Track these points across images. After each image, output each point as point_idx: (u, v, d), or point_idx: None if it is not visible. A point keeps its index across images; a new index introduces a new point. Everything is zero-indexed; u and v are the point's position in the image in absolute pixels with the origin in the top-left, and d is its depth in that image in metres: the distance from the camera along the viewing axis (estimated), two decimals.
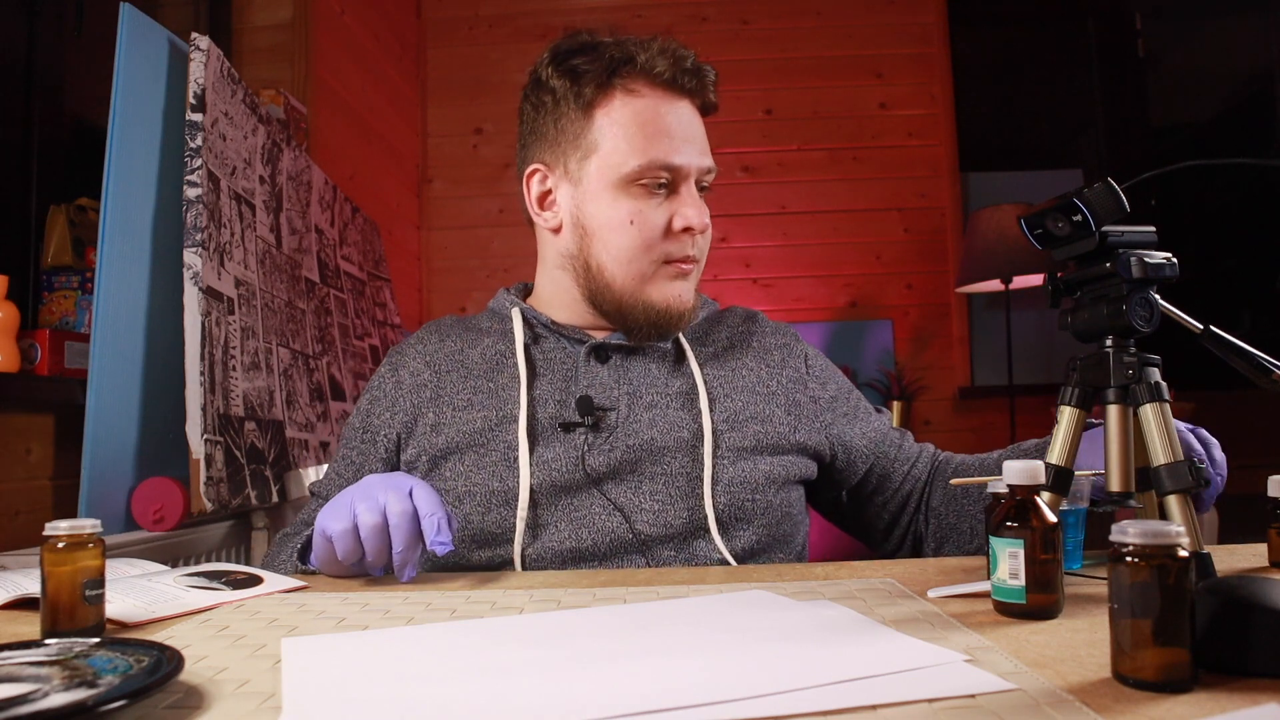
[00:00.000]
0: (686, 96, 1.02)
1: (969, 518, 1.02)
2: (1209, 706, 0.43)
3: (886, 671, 0.48)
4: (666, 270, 1.01)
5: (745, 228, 3.52)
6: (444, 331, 1.11)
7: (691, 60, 1.01)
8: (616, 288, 1.01)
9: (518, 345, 1.03)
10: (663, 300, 1.01)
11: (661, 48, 1.01)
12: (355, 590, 0.79)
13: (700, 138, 1.03)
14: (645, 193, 0.99)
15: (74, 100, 1.77)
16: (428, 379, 1.05)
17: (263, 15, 2.33)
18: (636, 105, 0.99)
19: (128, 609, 0.68)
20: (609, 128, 0.99)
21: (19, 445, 1.41)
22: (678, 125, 1.00)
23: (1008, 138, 3.72)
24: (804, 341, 1.15)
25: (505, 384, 1.02)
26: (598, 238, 1.01)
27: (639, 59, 1.00)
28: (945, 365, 3.45)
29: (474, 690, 0.48)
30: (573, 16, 3.50)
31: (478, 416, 1.00)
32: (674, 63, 1.00)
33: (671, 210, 1.00)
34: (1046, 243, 0.72)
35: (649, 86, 1.00)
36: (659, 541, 0.94)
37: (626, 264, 1.00)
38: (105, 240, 1.35)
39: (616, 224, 0.99)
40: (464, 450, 0.99)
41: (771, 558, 0.99)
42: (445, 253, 3.49)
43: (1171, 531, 0.46)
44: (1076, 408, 0.72)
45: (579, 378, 1.01)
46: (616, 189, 0.99)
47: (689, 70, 1.01)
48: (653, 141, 0.98)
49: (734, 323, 1.13)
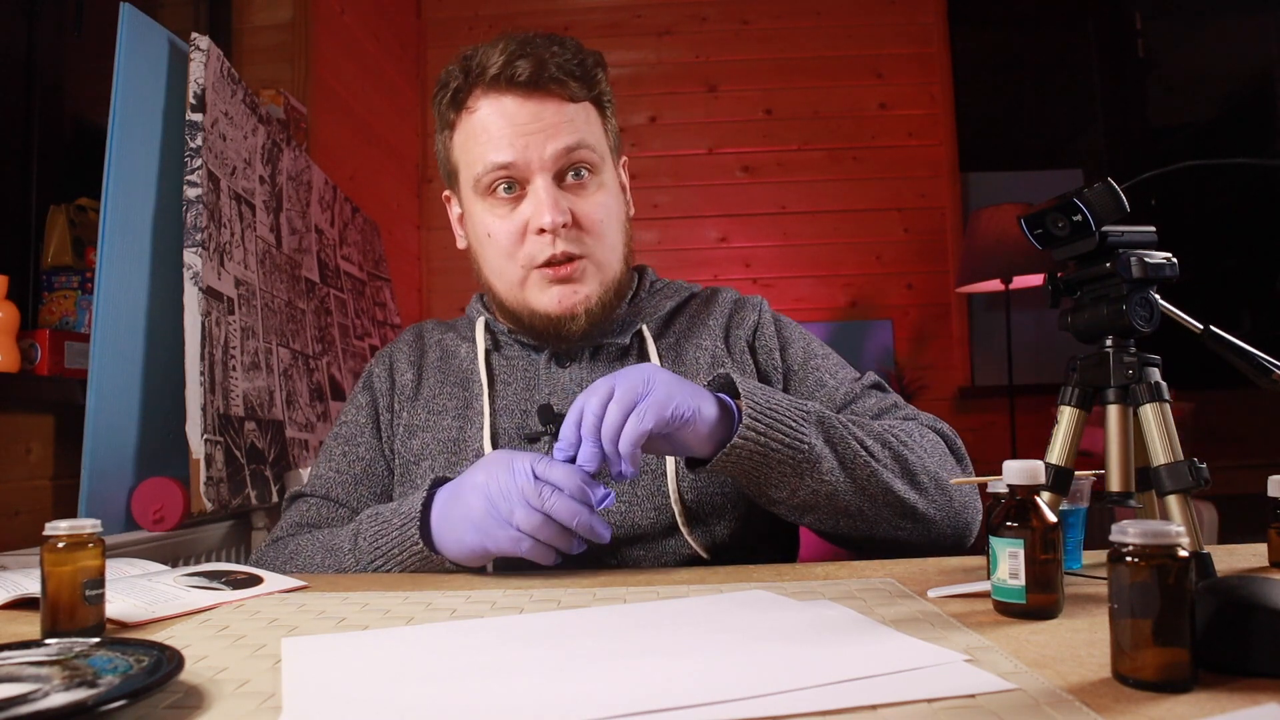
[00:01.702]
0: (526, 90, 0.95)
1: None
2: (1209, 706, 0.43)
3: (886, 671, 0.48)
4: (538, 276, 0.97)
5: (745, 228, 3.52)
6: (427, 335, 1.13)
7: (531, 49, 0.95)
8: (502, 298, 1.02)
9: (479, 354, 1.04)
10: (544, 307, 0.97)
11: (505, 41, 0.96)
12: (355, 590, 0.79)
13: (547, 127, 0.94)
14: (498, 201, 0.97)
15: (74, 100, 1.77)
16: (410, 379, 1.07)
17: (263, 15, 2.33)
18: (473, 118, 0.98)
19: (128, 609, 0.68)
20: (460, 146, 1.00)
21: (19, 445, 1.41)
22: (509, 125, 0.95)
23: (1008, 138, 3.72)
24: (760, 310, 1.09)
25: (476, 393, 1.03)
26: (478, 254, 1.03)
27: (475, 64, 0.97)
28: (945, 365, 3.45)
29: (474, 690, 0.48)
30: (573, 16, 3.51)
31: (451, 424, 1.01)
32: (506, 59, 0.94)
33: (525, 214, 0.96)
34: (1046, 243, 0.72)
35: (484, 93, 0.97)
36: (628, 542, 0.95)
37: (500, 275, 1.00)
38: (105, 240, 1.35)
39: (482, 238, 1.00)
40: (435, 456, 1.00)
41: (756, 552, 0.98)
42: (445, 253, 3.49)
43: (1171, 531, 0.46)
44: (1076, 408, 0.72)
45: (541, 385, 1.02)
46: (478, 204, 0.99)
47: (525, 60, 0.94)
48: (484, 149, 0.96)
49: (695, 305, 1.10)
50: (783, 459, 0.83)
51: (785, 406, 0.84)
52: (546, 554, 0.80)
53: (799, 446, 0.83)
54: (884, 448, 0.90)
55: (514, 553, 0.79)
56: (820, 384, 1.04)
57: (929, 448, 0.94)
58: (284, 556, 0.96)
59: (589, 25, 3.48)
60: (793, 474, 0.84)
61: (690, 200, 3.51)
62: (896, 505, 0.89)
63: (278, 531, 1.03)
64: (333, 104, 2.52)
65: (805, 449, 0.83)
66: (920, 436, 0.95)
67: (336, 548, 0.91)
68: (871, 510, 0.89)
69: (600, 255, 0.99)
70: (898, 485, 0.88)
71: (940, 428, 1.01)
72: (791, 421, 0.83)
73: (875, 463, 0.87)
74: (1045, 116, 3.79)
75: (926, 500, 0.90)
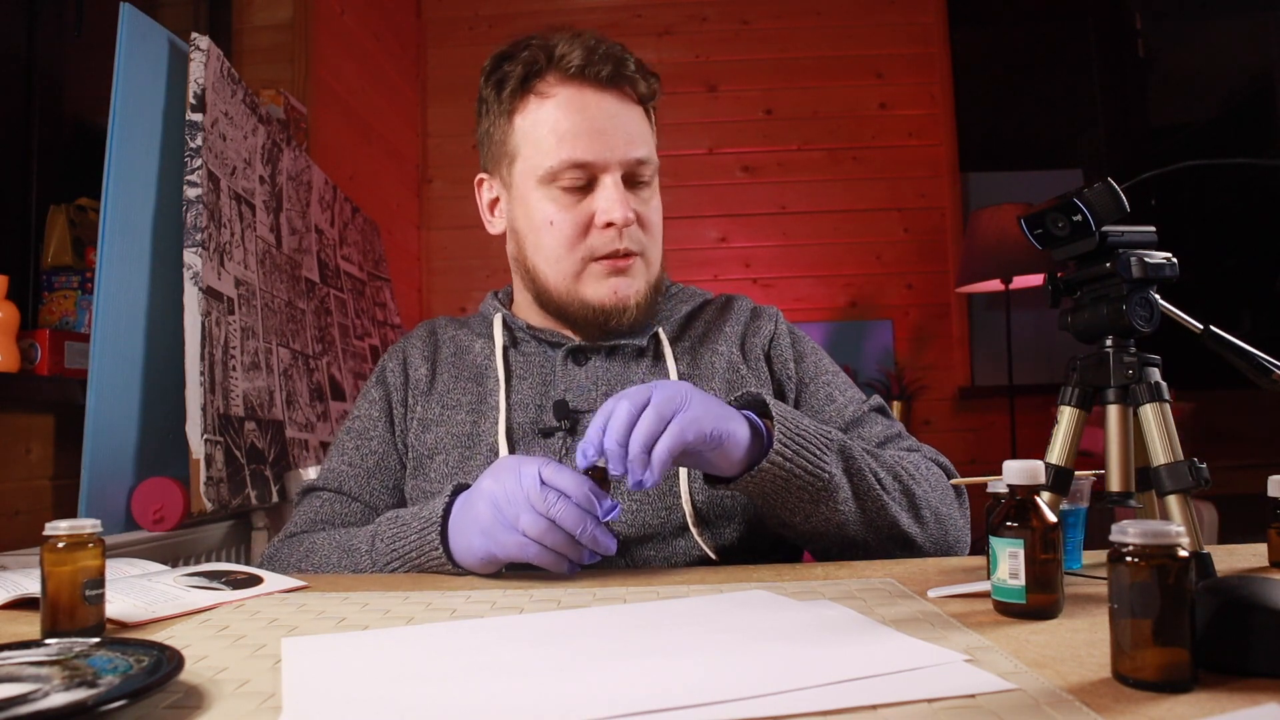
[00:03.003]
0: (604, 87, 0.99)
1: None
2: (1209, 706, 0.43)
3: (886, 671, 0.48)
4: (597, 268, 1.00)
5: (745, 228, 3.52)
6: (440, 331, 1.13)
7: (606, 48, 0.99)
8: (552, 288, 1.02)
9: (497, 350, 1.05)
10: (597, 298, 1.00)
11: (579, 38, 0.99)
12: (355, 590, 0.79)
13: (622, 128, 0.99)
14: (563, 192, 0.99)
15: (74, 100, 1.77)
16: (424, 374, 1.07)
17: (263, 15, 2.33)
18: (547, 106, 0.99)
19: (128, 609, 0.68)
20: (526, 132, 1.01)
21: (19, 445, 1.41)
22: (588, 121, 0.98)
23: (1008, 138, 3.72)
24: (776, 321, 1.11)
25: (490, 389, 1.04)
26: (529, 241, 1.03)
27: (555, 53, 0.99)
28: (945, 365, 3.45)
29: (474, 690, 0.48)
30: (573, 16, 3.50)
31: (465, 419, 1.02)
32: (586, 52, 0.98)
33: (593, 207, 0.99)
34: (1046, 243, 0.72)
35: (562, 83, 0.99)
36: (638, 542, 0.95)
37: (555, 264, 1.01)
38: (105, 240, 1.35)
39: (540, 225, 1.01)
40: (449, 450, 1.00)
41: (761, 556, 0.98)
42: (445, 253, 3.49)
43: (1171, 531, 0.46)
44: (1076, 408, 0.72)
45: (557, 381, 1.03)
46: (538, 191, 1.01)
47: (603, 57, 0.98)
48: (562, 142, 0.98)
49: (711, 312, 1.12)
50: (803, 485, 0.83)
51: (812, 433, 0.85)
52: (557, 561, 0.79)
53: (820, 474, 0.84)
54: (895, 480, 0.91)
55: (522, 558, 0.79)
56: (830, 399, 1.06)
57: (934, 482, 0.96)
58: (299, 554, 0.96)
59: (589, 25, 3.44)
60: (810, 500, 0.85)
61: (690, 200, 3.50)
62: (898, 538, 0.91)
63: (291, 527, 1.03)
64: (333, 104, 2.52)
65: (826, 478, 0.84)
66: (927, 470, 0.97)
67: (353, 548, 0.91)
68: (875, 541, 0.91)
69: (652, 254, 1.04)
70: (903, 519, 0.90)
71: (941, 461, 1.03)
72: (816, 449, 0.84)
73: (886, 495, 0.89)
74: (1045, 116, 3.79)
75: (925, 534, 0.93)
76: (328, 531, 0.98)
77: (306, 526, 1.02)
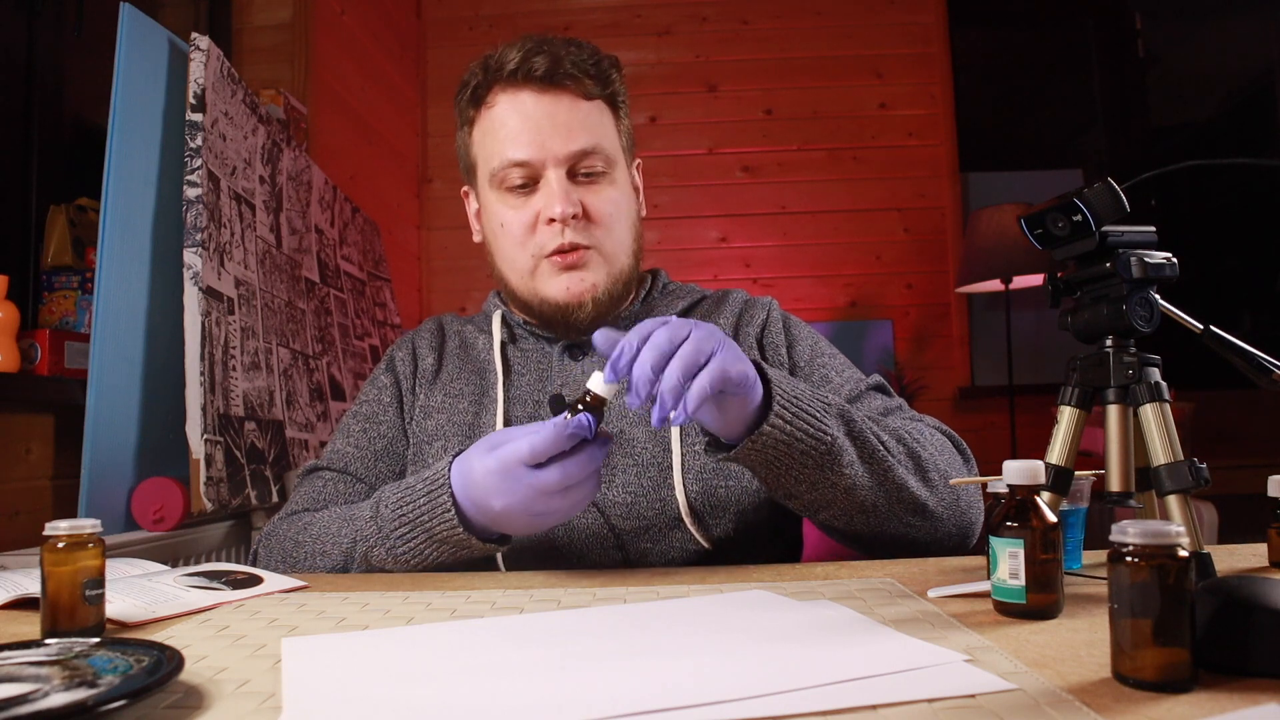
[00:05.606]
0: (543, 87, 0.99)
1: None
2: (1209, 706, 0.43)
3: (886, 671, 0.48)
4: (547, 265, 1.00)
5: (745, 228, 3.52)
6: (447, 325, 1.16)
7: (548, 48, 0.99)
8: (516, 289, 1.04)
9: (495, 345, 1.07)
10: (554, 294, 1.00)
11: (521, 42, 1.00)
12: (355, 590, 0.79)
13: (561, 124, 0.98)
14: (510, 194, 1.01)
15: (74, 100, 1.77)
16: (431, 363, 1.10)
17: (263, 15, 2.33)
18: (493, 113, 1.02)
19: (128, 609, 0.68)
20: (479, 141, 1.04)
21: (19, 445, 1.41)
22: (524, 120, 0.99)
23: (1008, 138, 3.72)
24: (769, 309, 1.10)
25: (491, 382, 1.06)
26: (492, 245, 1.06)
27: (495, 62, 1.01)
28: (945, 365, 3.45)
29: (474, 690, 0.48)
30: (573, 16, 3.51)
31: (466, 409, 1.04)
32: (522, 56, 0.98)
33: (538, 205, 1.00)
34: (1046, 243, 0.72)
35: (502, 89, 1.01)
36: (633, 534, 0.95)
37: (512, 264, 1.03)
38: (105, 240, 1.35)
39: (496, 229, 1.04)
40: (448, 437, 1.02)
41: (760, 548, 0.98)
42: (445, 253, 3.49)
43: (1171, 531, 0.46)
44: (1076, 408, 0.72)
45: (553, 376, 1.05)
46: (492, 195, 1.03)
47: (541, 57, 0.98)
48: (502, 144, 1.00)
49: (707, 306, 1.12)
50: (806, 449, 0.81)
51: (809, 397, 0.83)
52: (589, 484, 0.78)
53: (822, 438, 0.82)
54: (898, 443, 0.90)
55: (569, 510, 0.79)
56: (825, 380, 1.04)
57: (939, 446, 0.95)
58: (297, 528, 0.95)
59: (589, 25, 3.48)
60: (814, 466, 0.83)
61: (690, 200, 3.50)
62: (909, 501, 0.88)
63: (292, 505, 1.02)
64: (333, 104, 2.52)
65: (829, 440, 0.82)
66: (930, 435, 0.95)
67: (355, 516, 0.90)
68: (885, 506, 0.88)
69: (608, 247, 1.02)
70: (911, 481, 0.88)
71: (944, 429, 1.01)
72: (816, 412, 0.82)
73: (891, 458, 0.87)
74: (1045, 116, 3.79)
75: (936, 497, 0.90)
76: (327, 509, 0.98)
77: (309, 505, 1.01)
